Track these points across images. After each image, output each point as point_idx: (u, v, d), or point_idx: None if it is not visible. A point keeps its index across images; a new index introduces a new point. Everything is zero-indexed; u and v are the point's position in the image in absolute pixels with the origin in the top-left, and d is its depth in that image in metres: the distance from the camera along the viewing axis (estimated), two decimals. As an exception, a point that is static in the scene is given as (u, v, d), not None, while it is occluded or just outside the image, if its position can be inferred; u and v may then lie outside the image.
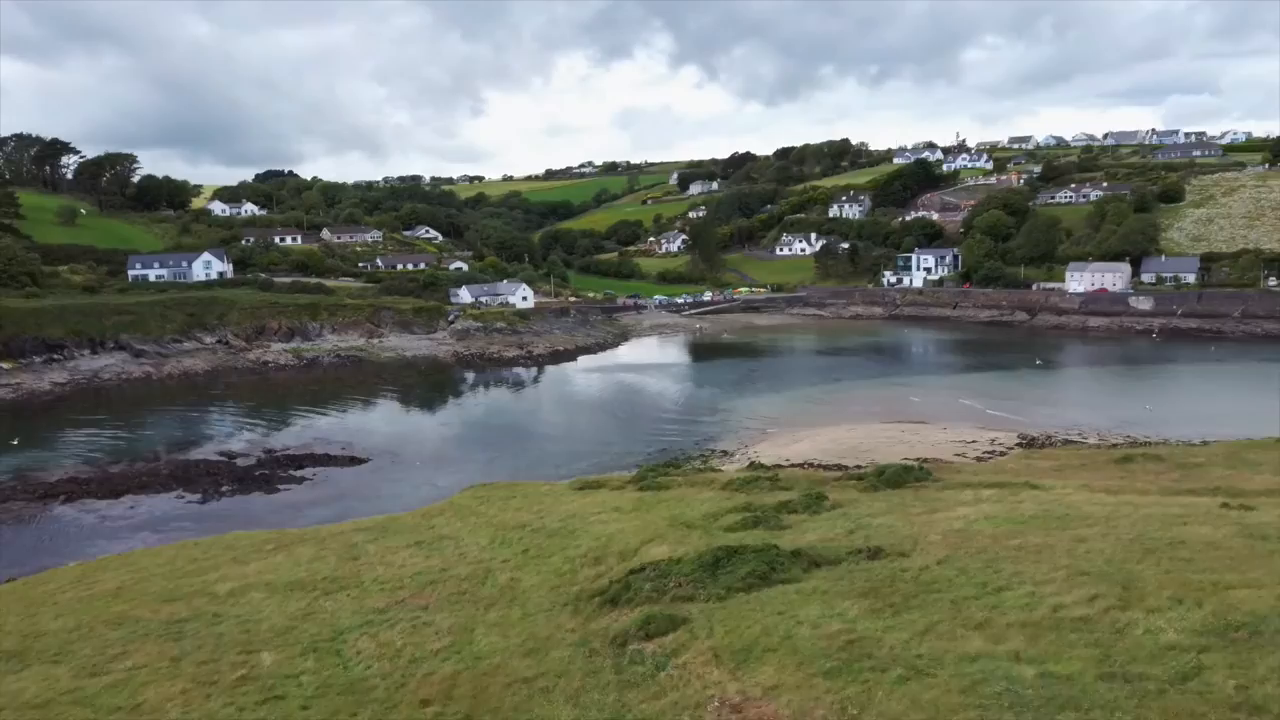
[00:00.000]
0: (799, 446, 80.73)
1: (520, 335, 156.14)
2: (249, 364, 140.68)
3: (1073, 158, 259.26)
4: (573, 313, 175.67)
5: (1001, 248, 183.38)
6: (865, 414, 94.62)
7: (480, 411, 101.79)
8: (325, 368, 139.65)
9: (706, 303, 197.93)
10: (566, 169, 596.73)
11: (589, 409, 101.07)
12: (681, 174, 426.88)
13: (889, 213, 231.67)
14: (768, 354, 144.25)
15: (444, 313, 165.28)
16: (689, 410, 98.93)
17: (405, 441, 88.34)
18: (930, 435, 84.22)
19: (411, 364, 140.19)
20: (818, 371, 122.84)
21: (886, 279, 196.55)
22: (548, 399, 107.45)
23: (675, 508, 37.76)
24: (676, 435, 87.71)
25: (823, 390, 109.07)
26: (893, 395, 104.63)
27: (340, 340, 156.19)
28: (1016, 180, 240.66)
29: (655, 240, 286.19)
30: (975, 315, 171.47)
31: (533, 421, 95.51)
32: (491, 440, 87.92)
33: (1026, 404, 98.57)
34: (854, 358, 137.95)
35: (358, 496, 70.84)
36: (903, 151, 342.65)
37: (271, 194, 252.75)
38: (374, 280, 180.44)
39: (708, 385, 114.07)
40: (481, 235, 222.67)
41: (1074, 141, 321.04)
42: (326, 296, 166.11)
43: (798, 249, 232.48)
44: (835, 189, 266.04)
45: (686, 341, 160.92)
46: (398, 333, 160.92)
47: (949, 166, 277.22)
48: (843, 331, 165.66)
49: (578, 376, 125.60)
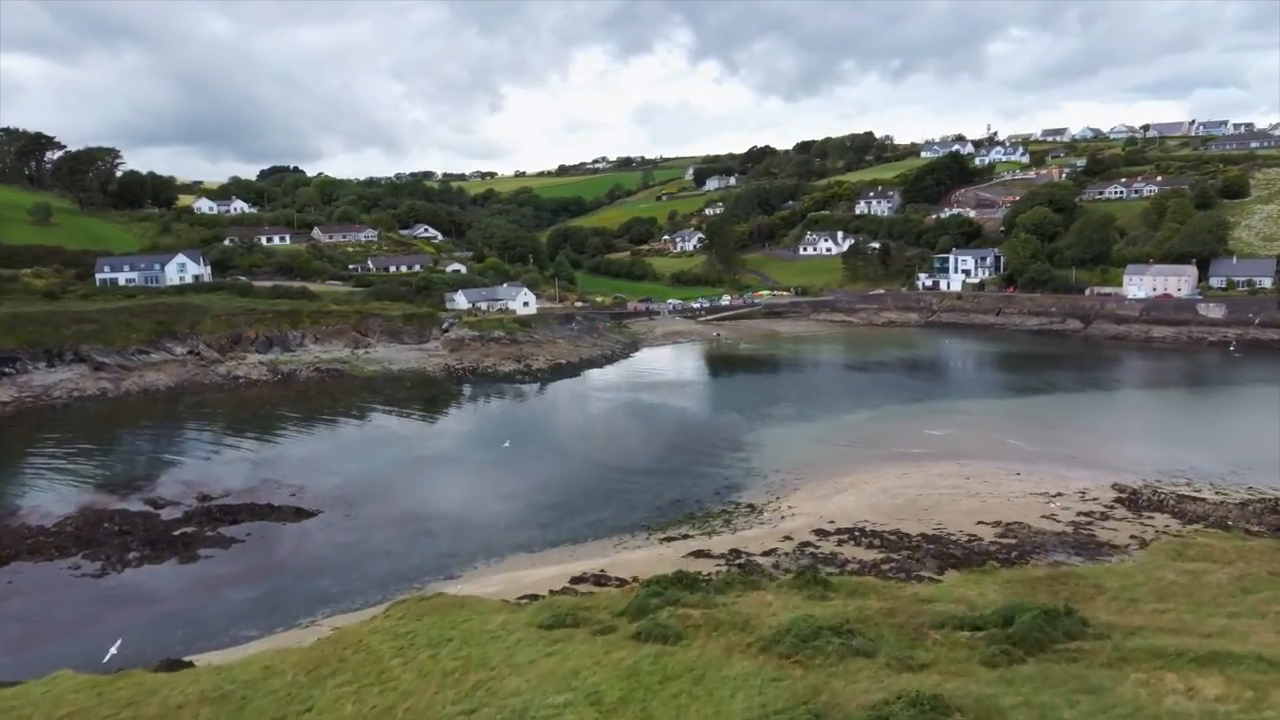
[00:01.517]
0: (844, 501, 65.77)
1: (519, 345, 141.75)
2: (218, 379, 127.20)
3: (1115, 150, 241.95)
4: (578, 319, 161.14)
5: (1048, 248, 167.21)
6: (913, 450, 79.49)
7: (459, 443, 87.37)
8: (302, 383, 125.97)
9: (724, 307, 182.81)
10: (580, 164, 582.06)
11: (588, 442, 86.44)
12: (697, 169, 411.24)
13: (920, 209, 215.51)
14: (793, 368, 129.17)
15: (437, 320, 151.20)
16: (707, 444, 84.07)
17: (365, 485, 74.08)
18: (1001, 483, 69.15)
19: (397, 378, 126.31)
20: (851, 392, 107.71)
21: (921, 282, 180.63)
22: (540, 428, 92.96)
23: (690, 702, 22.79)
24: (692, 479, 72.95)
25: (860, 418, 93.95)
26: (943, 424, 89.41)
27: (323, 350, 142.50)
28: (1058, 174, 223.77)
29: (669, 239, 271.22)
30: (1021, 323, 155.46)
31: (520, 460, 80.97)
32: (466, 487, 73.45)
33: (1103, 436, 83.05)
34: (890, 374, 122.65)
35: (292, 571, 56.58)
36: (930, 145, 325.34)
37: (264, 191, 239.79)
38: (364, 284, 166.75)
39: (727, 409, 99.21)
40: (484, 234, 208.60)
41: (1113, 134, 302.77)
42: (310, 302, 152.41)
43: (823, 248, 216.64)
44: (861, 184, 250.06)
45: (703, 352, 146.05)
46: (386, 342, 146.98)
47: (982, 160, 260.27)
48: (875, 341, 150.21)
49: (579, 397, 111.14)
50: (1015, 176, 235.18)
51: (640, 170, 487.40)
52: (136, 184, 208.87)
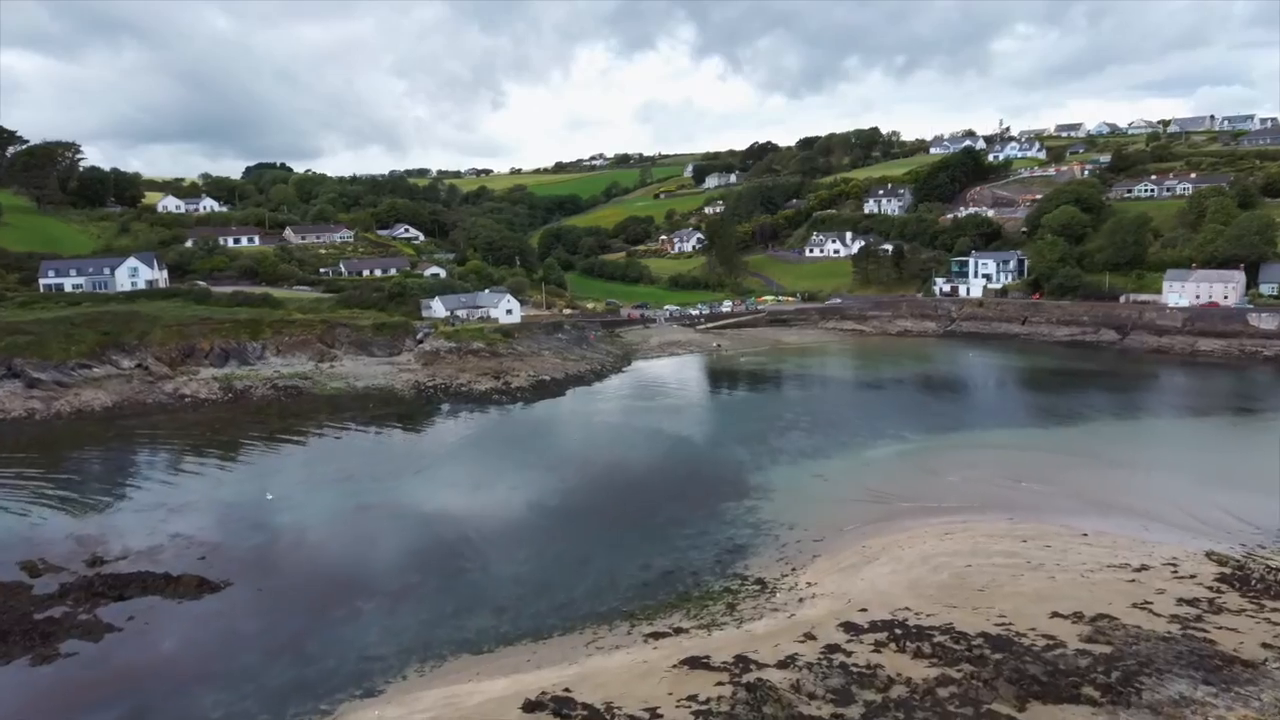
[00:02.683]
0: (876, 574, 52.82)
1: (500, 359, 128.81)
2: (164, 397, 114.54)
3: (1139, 146, 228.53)
4: (567, 327, 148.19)
5: (1076, 251, 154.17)
6: (951, 499, 66.56)
7: (412, 484, 74.33)
8: (256, 402, 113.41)
9: (725, 314, 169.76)
10: (577, 162, 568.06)
11: (565, 485, 73.44)
12: (697, 166, 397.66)
13: (934, 208, 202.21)
14: (802, 386, 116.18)
15: (411, 330, 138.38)
16: (707, 488, 71.11)
17: (292, 544, 61.27)
18: (1068, 549, 56.26)
19: (362, 397, 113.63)
20: (870, 417, 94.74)
21: (939, 287, 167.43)
22: (511, 464, 79.93)
23: None
24: (688, 539, 60.03)
25: (883, 452, 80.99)
26: (979, 461, 76.54)
27: (284, 364, 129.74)
28: (1080, 171, 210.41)
29: (667, 239, 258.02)
30: (1050, 333, 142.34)
31: (480, 508, 68.12)
32: (411, 544, 60.53)
33: (1174, 480, 70.00)
34: (911, 394, 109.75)
35: (169, 680, 43.89)
36: (940, 141, 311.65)
37: (236, 188, 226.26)
38: (334, 289, 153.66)
39: (730, 439, 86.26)
40: (468, 234, 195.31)
41: (1132, 130, 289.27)
42: (272, 310, 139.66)
43: (830, 250, 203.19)
44: (869, 181, 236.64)
45: (702, 366, 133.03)
46: (354, 354, 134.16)
47: (996, 156, 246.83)
48: (890, 354, 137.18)
49: (560, 422, 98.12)
50: (1033, 174, 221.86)
51: (639, 167, 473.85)
52: (98, 181, 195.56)
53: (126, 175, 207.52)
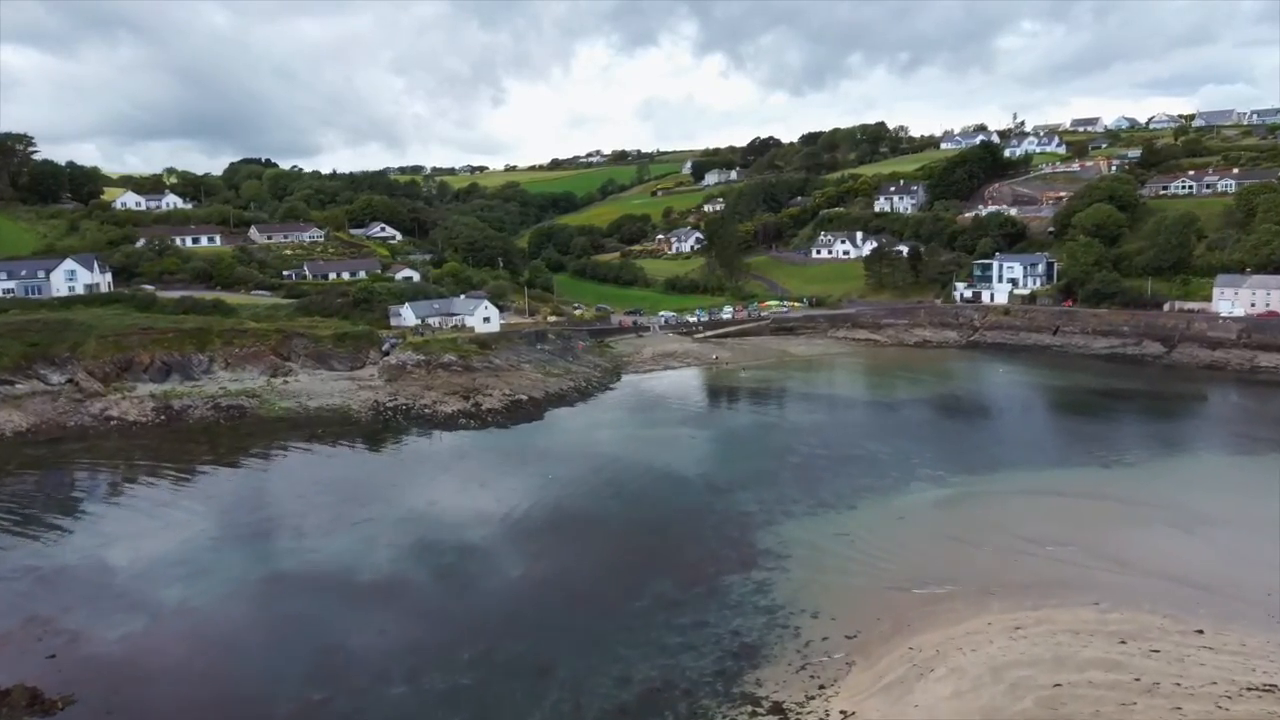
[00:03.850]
0: (934, 698, 38.92)
1: (474, 374, 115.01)
2: (88, 419, 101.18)
3: (1167, 139, 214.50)
4: (551, 337, 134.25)
5: (1112, 253, 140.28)
6: (1016, 573, 52.58)
7: (342, 544, 60.33)
8: (192, 425, 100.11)
9: (726, 321, 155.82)
10: (573, 158, 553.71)
11: (529, 549, 59.59)
12: (695, 162, 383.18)
13: (951, 206, 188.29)
14: (813, 408, 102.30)
15: (376, 340, 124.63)
16: (705, 556, 57.31)
17: (170, 639, 47.44)
18: (1185, 656, 42.37)
19: (312, 419, 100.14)
20: (895, 451, 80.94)
21: (959, 292, 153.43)
22: (466, 516, 65.98)
23: None
24: (680, 636, 46.15)
25: (918, 500, 67.18)
26: (1036, 514, 62.82)
27: (232, 379, 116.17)
28: (1106, 167, 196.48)
29: (664, 239, 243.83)
30: (1086, 345, 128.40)
31: (420, 582, 54.30)
32: (325, 636, 46.63)
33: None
34: (939, 419, 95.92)
35: None
36: (951, 136, 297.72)
37: (201, 184, 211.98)
38: (295, 294, 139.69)
39: (732, 483, 72.39)
40: (449, 234, 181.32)
41: (1154, 123, 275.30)
42: (223, 318, 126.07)
43: (839, 251, 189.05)
44: (879, 178, 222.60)
45: (700, 382, 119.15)
46: (311, 368, 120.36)
47: (1013, 151, 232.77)
48: (910, 368, 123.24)
49: (532, 456, 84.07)
50: (1055, 169, 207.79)
51: (636, 164, 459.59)
52: (51, 175, 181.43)
53: (84, 169, 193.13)
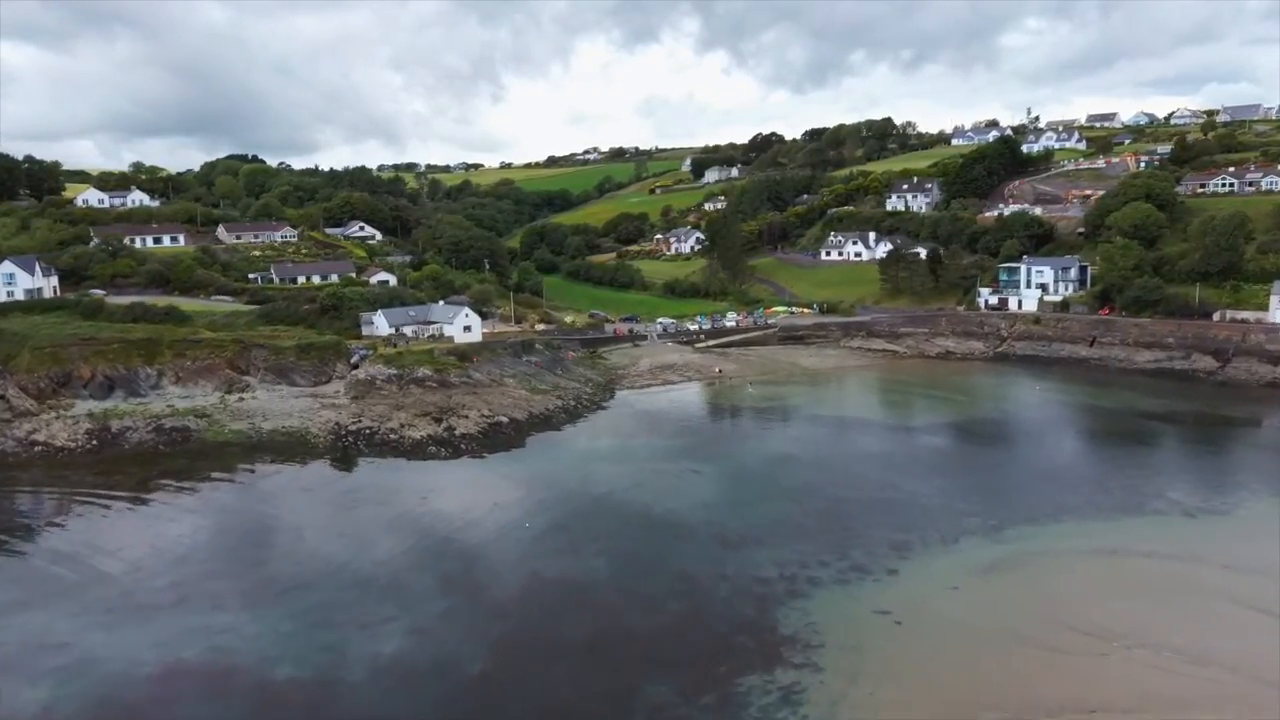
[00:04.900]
0: None
1: (450, 391, 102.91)
2: (13, 443, 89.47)
3: (1195, 135, 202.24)
4: (539, 347, 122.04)
5: (1152, 256, 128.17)
6: (1125, 689, 40.59)
7: (256, 628, 48.01)
8: (129, 450, 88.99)
9: (729, 330, 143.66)
10: (570, 155, 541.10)
11: (490, 635, 47.29)
12: (695, 159, 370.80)
13: (969, 205, 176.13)
14: (832, 434, 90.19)
15: (345, 352, 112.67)
16: (714, 644, 45.12)
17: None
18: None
19: (264, 445, 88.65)
20: (934, 491, 68.90)
21: (984, 299, 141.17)
22: (422, 591, 53.59)
23: None
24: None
25: (968, 561, 55.08)
26: (1126, 582, 50.82)
27: (182, 395, 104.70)
28: (1134, 163, 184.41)
29: (663, 238, 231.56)
30: (1128, 358, 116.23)
31: (353, 681, 42.13)
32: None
33: None
34: (977, 449, 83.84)
35: None
36: (962, 131, 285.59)
37: (170, 180, 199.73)
38: (259, 300, 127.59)
39: (740, 537, 60.22)
40: (433, 234, 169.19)
41: (1177, 119, 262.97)
42: (176, 327, 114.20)
43: (851, 253, 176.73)
44: (890, 175, 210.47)
45: (702, 401, 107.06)
46: (270, 383, 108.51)
47: (1030, 147, 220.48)
48: (936, 385, 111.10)
49: (504, 498, 71.82)
50: (1079, 166, 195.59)
51: (634, 161, 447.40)
52: (5, 170, 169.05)
53: (42, 164, 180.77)
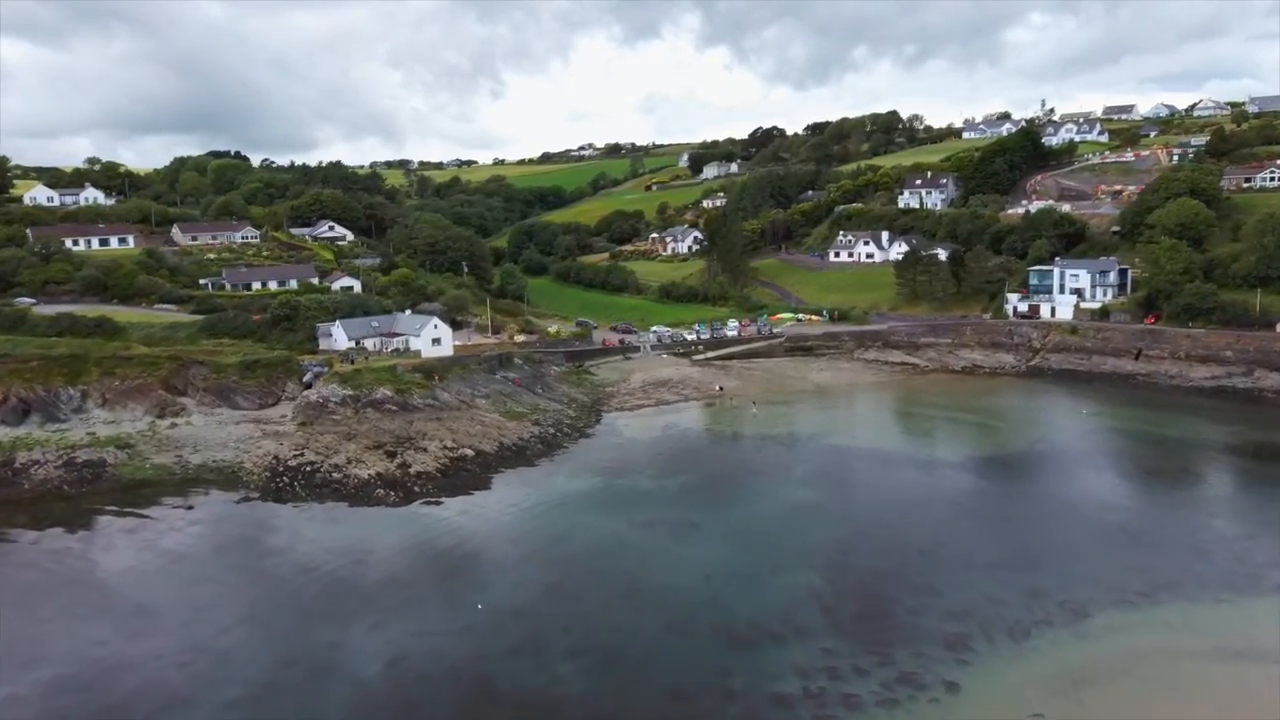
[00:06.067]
0: None
1: (411, 415, 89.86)
2: (-112, 484, 76.08)
3: (1229, 127, 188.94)
4: (518, 362, 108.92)
5: (1201, 258, 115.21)
6: None
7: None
8: (28, 490, 75.94)
9: (731, 339, 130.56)
10: (565, 152, 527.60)
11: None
12: (693, 155, 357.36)
13: (989, 202, 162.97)
14: (855, 471, 77.06)
15: (296, 369, 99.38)
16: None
17: None
18: None
19: (190, 480, 76.69)
20: (987, 558, 55.91)
21: (1012, 306, 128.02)
22: (326, 713, 40.37)
23: None
24: None
25: (1044, 668, 42.04)
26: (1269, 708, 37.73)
27: (109, 419, 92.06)
28: (1166, 156, 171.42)
29: (659, 238, 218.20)
30: (1181, 374, 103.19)
31: None
32: None
33: None
34: (1029, 490, 70.66)
35: None
36: (974, 124, 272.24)
37: (129, 177, 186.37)
38: (208, 309, 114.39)
39: (751, 629, 47.19)
40: (409, 233, 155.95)
41: (1200, 111, 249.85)
42: (106, 341, 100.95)
43: (862, 253, 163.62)
44: (901, 170, 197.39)
45: (701, 426, 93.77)
46: (209, 406, 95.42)
47: (1051, 140, 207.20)
48: (966, 405, 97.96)
49: (459, 563, 58.58)
50: (1106, 159, 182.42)
51: (630, 157, 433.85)
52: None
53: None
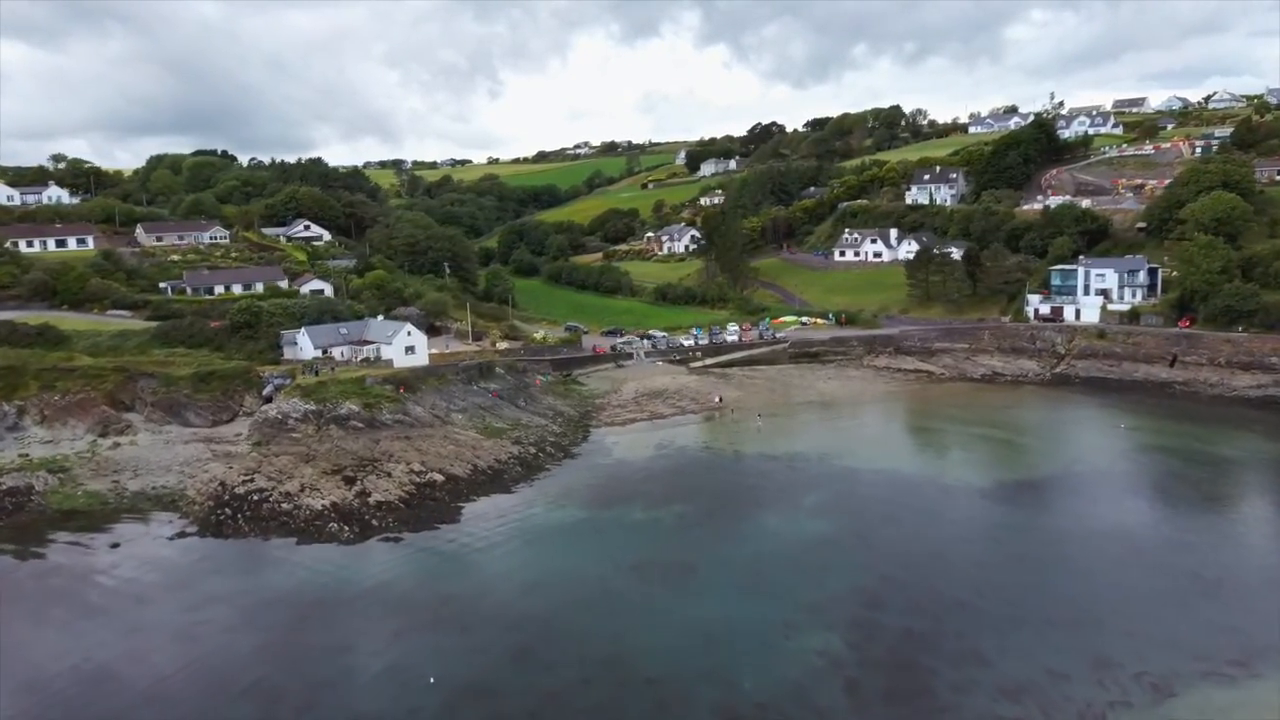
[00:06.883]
0: None
1: (379, 433, 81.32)
2: None
3: (1249, 116, 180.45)
4: (500, 371, 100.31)
5: (1239, 256, 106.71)
6: None
7: None
8: None
9: (731, 345, 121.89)
10: (560, 150, 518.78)
11: None
12: (690, 152, 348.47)
13: (1003, 197, 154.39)
14: (869, 501, 68.39)
15: (255, 381, 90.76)
16: None
17: None
18: None
19: (125, 509, 67.83)
20: (1042, 615, 47.52)
21: (1034, 308, 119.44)
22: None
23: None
24: None
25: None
26: None
27: (46, 438, 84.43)
28: (1189, 149, 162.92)
29: (654, 237, 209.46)
30: (1223, 383, 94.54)
31: None
32: None
33: None
34: (1075, 525, 61.92)
35: None
36: (980, 119, 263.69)
37: (95, 173, 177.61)
38: (164, 315, 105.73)
39: (760, 715, 38.14)
40: (389, 234, 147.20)
41: (1216, 103, 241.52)
42: (47, 352, 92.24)
43: (869, 252, 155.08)
44: (908, 165, 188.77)
45: (699, 445, 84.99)
46: (158, 423, 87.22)
47: (1064, 133, 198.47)
48: (991, 419, 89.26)
49: (417, 617, 49.89)
50: (1124, 152, 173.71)
51: (626, 155, 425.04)
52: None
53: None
